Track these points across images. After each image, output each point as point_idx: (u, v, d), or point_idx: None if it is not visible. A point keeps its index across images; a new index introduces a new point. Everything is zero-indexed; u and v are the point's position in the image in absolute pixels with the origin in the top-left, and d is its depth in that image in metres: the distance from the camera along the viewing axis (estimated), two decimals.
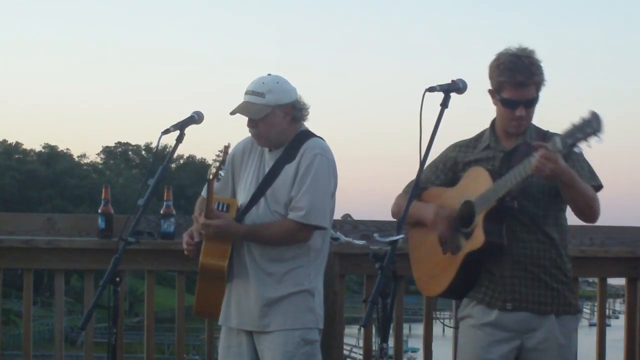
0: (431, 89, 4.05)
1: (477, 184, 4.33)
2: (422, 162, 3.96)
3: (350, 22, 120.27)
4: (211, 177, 4.41)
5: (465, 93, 4.13)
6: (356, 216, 5.88)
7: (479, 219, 4.26)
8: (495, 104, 4.39)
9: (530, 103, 4.32)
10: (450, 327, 4.99)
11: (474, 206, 4.30)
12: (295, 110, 4.59)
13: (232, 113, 4.53)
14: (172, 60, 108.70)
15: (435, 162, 4.59)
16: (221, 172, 4.40)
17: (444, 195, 4.49)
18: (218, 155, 4.41)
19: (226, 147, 4.44)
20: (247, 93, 4.55)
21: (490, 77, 4.35)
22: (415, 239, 4.63)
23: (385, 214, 4.83)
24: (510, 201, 4.25)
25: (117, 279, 4.24)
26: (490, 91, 4.38)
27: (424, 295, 4.78)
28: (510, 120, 4.35)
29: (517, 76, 4.25)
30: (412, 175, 4.06)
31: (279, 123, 4.55)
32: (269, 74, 4.60)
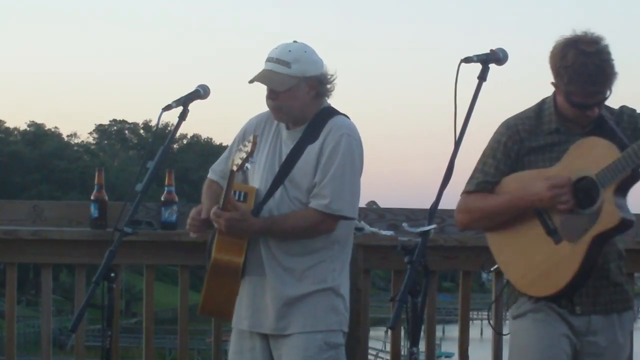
0: (467, 60, 4.02)
1: (594, 156, 4.21)
2: (458, 142, 3.94)
3: None
4: (235, 168, 4.36)
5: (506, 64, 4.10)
6: (382, 204, 5.89)
7: (607, 194, 4.16)
8: (560, 95, 4.31)
9: (602, 103, 4.28)
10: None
11: (596, 181, 4.19)
12: (321, 84, 4.58)
13: (252, 81, 4.50)
14: (175, 24, 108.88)
15: (494, 158, 4.39)
16: (247, 165, 4.34)
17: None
18: (245, 146, 4.33)
19: (255, 137, 4.33)
20: (270, 60, 4.52)
21: (557, 75, 4.25)
22: (502, 238, 4.45)
23: (414, 201, 4.81)
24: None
25: (112, 274, 4.25)
26: (554, 84, 4.29)
27: (532, 296, 4.37)
28: (579, 117, 4.31)
29: (589, 87, 4.19)
30: (447, 157, 4.00)
31: (302, 97, 4.54)
32: (295, 41, 4.58)
